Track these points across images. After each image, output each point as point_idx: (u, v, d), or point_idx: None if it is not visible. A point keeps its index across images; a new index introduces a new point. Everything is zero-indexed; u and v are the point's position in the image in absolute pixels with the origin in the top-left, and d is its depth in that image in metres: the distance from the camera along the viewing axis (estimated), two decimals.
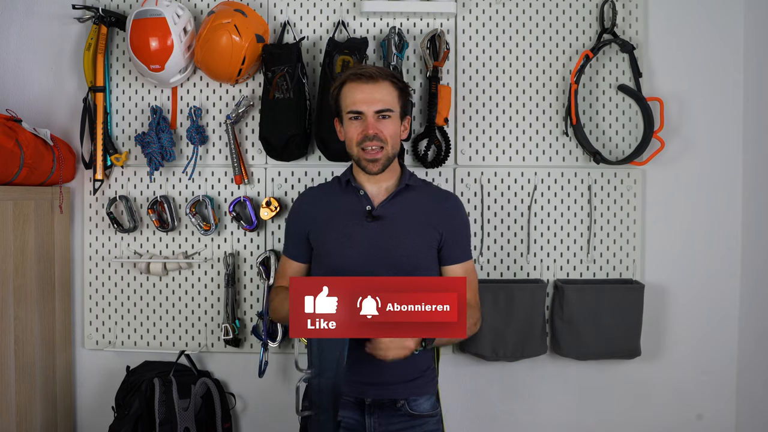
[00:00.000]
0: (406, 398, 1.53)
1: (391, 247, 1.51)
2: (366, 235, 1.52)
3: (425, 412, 1.54)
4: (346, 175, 1.61)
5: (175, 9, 1.79)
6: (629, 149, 1.97)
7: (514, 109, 1.98)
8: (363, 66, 1.56)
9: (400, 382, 1.52)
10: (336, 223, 1.55)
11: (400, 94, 1.54)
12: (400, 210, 1.55)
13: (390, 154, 1.53)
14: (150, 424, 1.79)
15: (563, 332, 1.91)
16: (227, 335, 1.95)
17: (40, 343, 1.86)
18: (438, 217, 1.57)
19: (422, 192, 1.62)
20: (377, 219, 1.53)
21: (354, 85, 1.50)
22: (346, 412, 1.53)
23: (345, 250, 1.52)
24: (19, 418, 1.76)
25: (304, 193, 1.71)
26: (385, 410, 1.52)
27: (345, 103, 1.53)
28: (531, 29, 1.98)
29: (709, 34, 1.99)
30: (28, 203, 1.80)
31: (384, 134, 1.50)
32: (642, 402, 2.03)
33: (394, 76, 1.54)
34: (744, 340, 2.00)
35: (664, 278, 2.00)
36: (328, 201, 1.61)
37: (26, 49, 2.02)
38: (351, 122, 1.52)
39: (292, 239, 1.66)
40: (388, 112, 1.51)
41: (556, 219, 1.99)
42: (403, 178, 1.60)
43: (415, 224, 1.54)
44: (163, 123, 1.93)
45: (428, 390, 1.57)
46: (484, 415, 2.02)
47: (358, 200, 1.56)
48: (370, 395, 1.52)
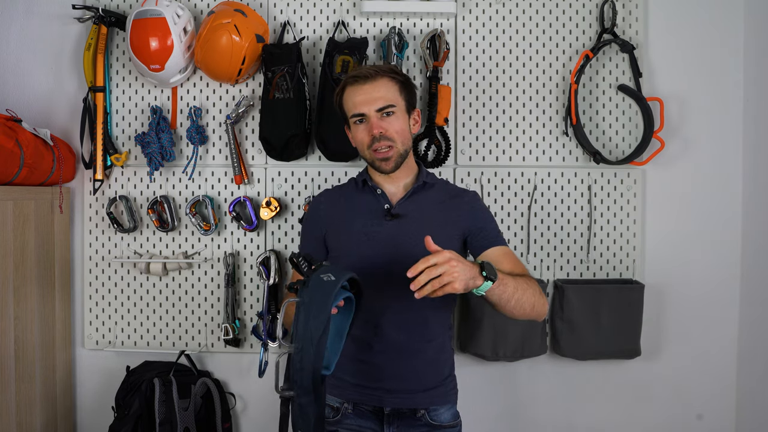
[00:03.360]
0: (427, 408, 1.47)
1: (411, 245, 1.45)
2: (385, 234, 1.49)
3: (446, 423, 1.49)
4: (363, 176, 1.58)
5: (175, 9, 1.79)
6: (629, 149, 1.97)
7: (514, 109, 1.99)
8: (359, 67, 1.54)
9: (420, 390, 1.47)
10: (355, 223, 1.52)
11: (401, 87, 1.50)
12: (418, 207, 1.53)
13: (401, 151, 1.49)
14: (150, 424, 1.79)
15: (563, 332, 1.91)
16: (227, 335, 1.95)
17: (40, 343, 1.86)
18: (458, 212, 1.54)
19: (440, 189, 1.59)
20: (396, 217, 1.50)
21: (353, 89, 1.49)
22: (363, 421, 1.49)
23: (363, 249, 1.49)
24: (19, 418, 1.76)
25: (321, 194, 1.67)
26: (405, 420, 1.47)
27: (347, 108, 1.51)
28: (531, 29, 1.98)
29: (709, 34, 1.99)
30: (28, 203, 1.80)
31: (390, 132, 1.47)
32: (642, 402, 2.03)
33: (392, 70, 1.51)
34: (744, 340, 2.00)
35: (664, 278, 2.00)
36: (345, 201, 1.58)
37: (26, 49, 2.02)
38: (357, 126, 1.50)
39: (308, 241, 1.62)
40: (391, 108, 1.47)
41: (556, 219, 1.99)
42: (420, 175, 1.57)
43: (435, 221, 1.51)
44: (163, 123, 1.93)
45: (449, 399, 1.52)
46: (485, 414, 2.02)
47: (376, 199, 1.54)
48: (389, 404, 1.47)
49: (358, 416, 1.49)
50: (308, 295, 1.19)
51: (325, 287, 1.19)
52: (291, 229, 1.98)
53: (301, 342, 1.17)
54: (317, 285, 1.19)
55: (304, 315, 1.18)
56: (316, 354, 1.16)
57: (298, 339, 1.17)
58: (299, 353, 1.17)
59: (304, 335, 1.17)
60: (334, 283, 1.20)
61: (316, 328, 1.16)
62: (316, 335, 1.16)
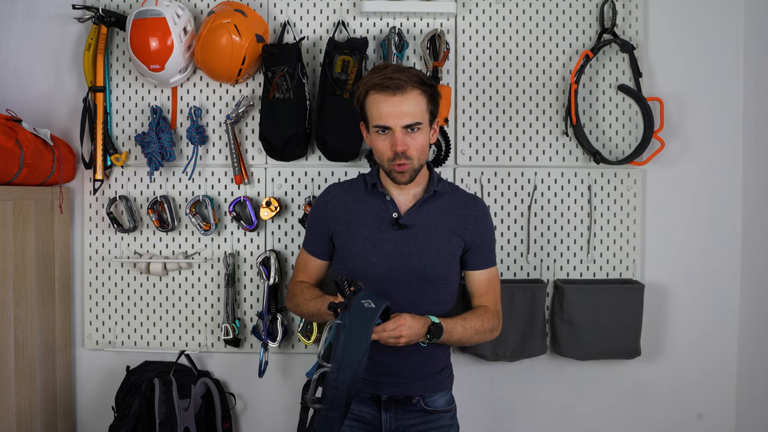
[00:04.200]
0: (422, 395, 1.54)
1: (416, 256, 1.49)
2: (391, 244, 1.50)
3: (440, 408, 1.56)
4: (373, 178, 1.56)
5: (175, 9, 1.79)
6: (629, 149, 1.97)
7: (514, 109, 1.98)
8: (389, 71, 1.42)
9: (416, 380, 1.54)
10: (361, 228, 1.53)
11: (429, 99, 1.46)
12: (426, 218, 1.53)
13: (416, 166, 1.47)
14: (150, 424, 1.79)
15: (563, 332, 1.91)
16: (227, 335, 1.95)
17: (40, 344, 1.86)
18: (464, 224, 1.55)
19: (449, 198, 1.57)
20: (403, 227, 1.51)
21: (381, 97, 1.42)
22: (362, 407, 1.55)
23: (369, 257, 1.50)
24: (19, 418, 1.76)
25: (329, 190, 1.65)
26: (401, 406, 1.54)
27: (371, 114, 1.46)
28: (531, 29, 1.98)
29: (709, 34, 1.99)
30: (28, 203, 1.80)
31: (411, 151, 1.44)
32: (642, 402, 2.03)
33: (422, 81, 1.44)
34: (744, 340, 2.00)
35: (664, 278, 2.00)
36: (354, 203, 1.58)
37: (26, 49, 2.02)
38: (378, 135, 1.46)
39: (314, 236, 1.63)
40: (417, 126, 1.44)
41: (556, 219, 1.99)
42: (431, 184, 1.55)
43: (441, 233, 1.52)
44: (163, 123, 1.93)
45: (444, 386, 1.59)
46: (485, 415, 2.02)
47: (385, 206, 1.54)
48: (386, 392, 1.53)
49: (358, 402, 1.55)
50: (349, 320, 1.27)
51: (366, 314, 1.28)
52: (291, 229, 1.98)
53: (339, 363, 1.25)
54: (358, 311, 1.28)
55: (344, 338, 1.27)
56: (353, 377, 1.25)
57: (336, 360, 1.25)
58: (335, 373, 1.25)
59: (343, 357, 1.25)
60: (374, 311, 1.29)
61: (356, 353, 1.26)
62: (355, 359, 1.26)
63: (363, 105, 1.49)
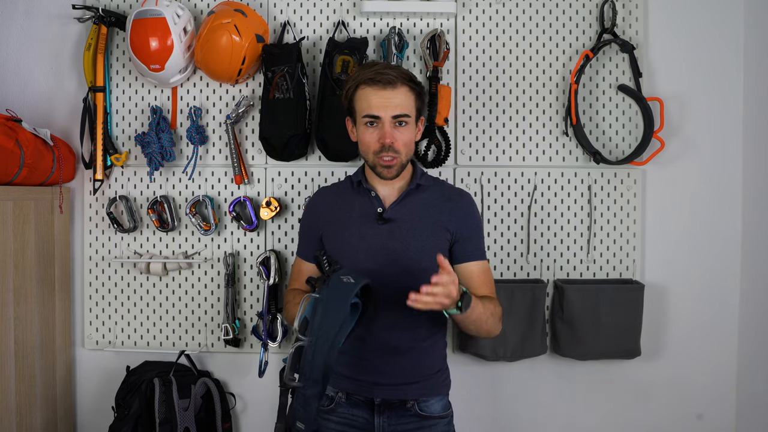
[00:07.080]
0: (416, 399, 1.50)
1: (401, 249, 1.50)
2: (376, 239, 1.51)
3: (436, 413, 1.52)
4: (358, 176, 1.59)
5: (175, 9, 1.79)
6: (629, 149, 1.97)
7: (514, 109, 1.99)
8: (376, 66, 1.48)
9: (410, 383, 1.50)
10: (348, 225, 1.54)
11: (416, 97, 1.50)
12: (410, 211, 1.53)
13: (403, 161, 1.50)
14: (150, 424, 1.80)
15: (563, 332, 1.91)
16: (227, 335, 1.95)
17: (40, 343, 1.86)
18: (449, 216, 1.54)
19: (433, 191, 1.58)
20: (387, 221, 1.51)
21: (371, 90, 1.46)
22: (355, 410, 1.52)
23: (356, 253, 1.50)
24: (19, 418, 1.76)
25: (318, 193, 1.68)
26: (395, 410, 1.50)
27: (360, 106, 1.49)
28: (531, 29, 1.98)
29: (709, 34, 1.99)
30: (28, 203, 1.80)
31: (398, 144, 1.47)
32: (642, 402, 2.03)
33: (411, 79, 1.49)
34: (744, 340, 2.00)
35: (664, 278, 2.00)
36: (341, 202, 1.59)
37: (26, 49, 2.02)
38: (366, 128, 1.48)
39: (306, 240, 1.63)
40: (405, 118, 1.47)
41: (556, 219, 1.99)
42: (414, 178, 1.57)
43: (425, 226, 1.52)
44: (163, 123, 1.93)
45: (440, 391, 1.55)
46: (485, 415, 2.02)
47: (370, 202, 1.55)
48: (379, 395, 1.50)
49: (351, 405, 1.53)
50: (327, 293, 1.24)
51: (344, 288, 1.25)
52: (291, 229, 1.98)
53: (316, 336, 1.22)
54: (336, 285, 1.25)
55: (322, 311, 1.23)
56: (330, 349, 1.21)
57: (313, 333, 1.22)
58: (312, 346, 1.21)
59: (319, 330, 1.22)
60: (353, 286, 1.26)
61: (332, 325, 1.22)
62: (332, 332, 1.22)
63: (352, 99, 1.51)
